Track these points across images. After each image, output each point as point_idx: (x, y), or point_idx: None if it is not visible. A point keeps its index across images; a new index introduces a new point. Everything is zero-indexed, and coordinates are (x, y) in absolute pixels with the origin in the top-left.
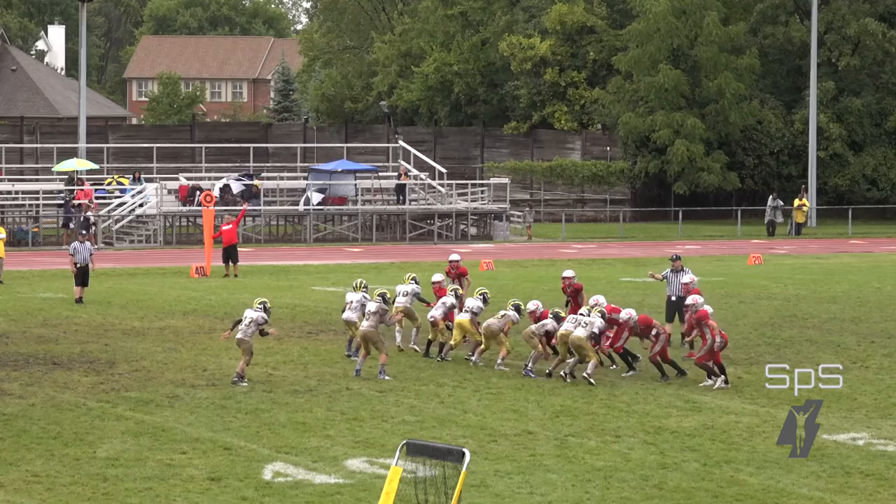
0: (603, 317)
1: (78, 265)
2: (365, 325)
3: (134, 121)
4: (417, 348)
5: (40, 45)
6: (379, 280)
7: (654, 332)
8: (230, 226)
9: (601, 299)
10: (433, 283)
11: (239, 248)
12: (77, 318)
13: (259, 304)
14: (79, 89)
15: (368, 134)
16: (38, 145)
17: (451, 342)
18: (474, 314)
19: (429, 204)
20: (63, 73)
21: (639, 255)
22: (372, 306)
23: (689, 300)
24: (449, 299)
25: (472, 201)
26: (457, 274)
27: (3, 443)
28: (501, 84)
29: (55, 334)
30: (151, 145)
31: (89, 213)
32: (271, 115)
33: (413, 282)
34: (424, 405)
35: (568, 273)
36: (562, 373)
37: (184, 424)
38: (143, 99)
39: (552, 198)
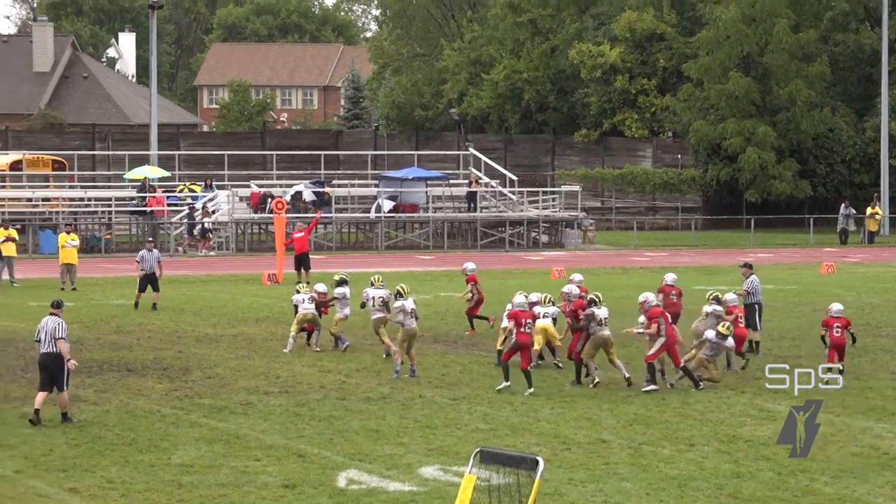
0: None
1: (144, 272)
2: (414, 324)
3: (205, 128)
4: (318, 349)
5: (111, 52)
6: (451, 288)
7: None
8: (302, 233)
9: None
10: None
11: (311, 256)
12: (150, 325)
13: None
14: (150, 96)
15: (439, 141)
16: (110, 152)
17: (536, 347)
18: (553, 319)
19: (500, 211)
20: (134, 80)
21: (710, 263)
22: (411, 304)
23: (641, 298)
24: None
25: (543, 209)
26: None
27: (78, 449)
28: (571, 91)
29: (129, 341)
30: (222, 152)
31: (206, 220)
32: (342, 122)
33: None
34: (497, 413)
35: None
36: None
37: (257, 431)
38: (214, 106)
39: (623, 205)
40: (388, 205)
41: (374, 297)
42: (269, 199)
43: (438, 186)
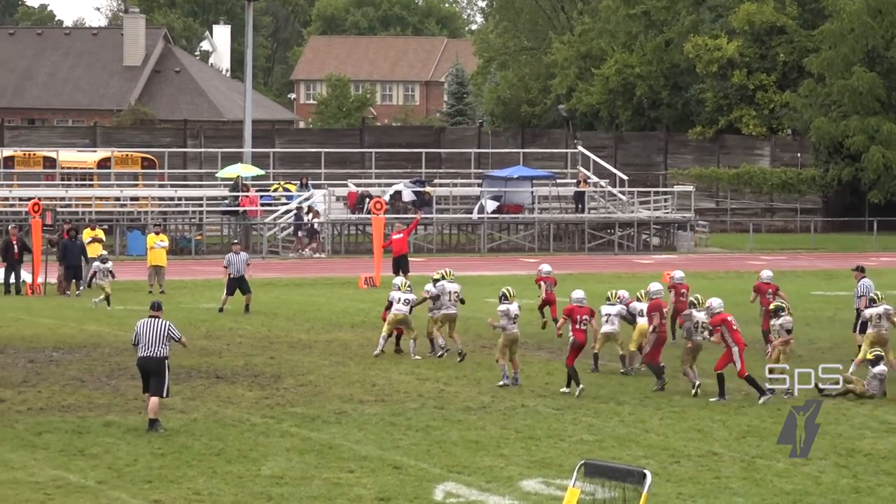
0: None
1: (232, 276)
2: (516, 329)
3: (301, 124)
4: (418, 357)
5: (205, 45)
6: (557, 292)
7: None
8: (401, 235)
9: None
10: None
11: (410, 259)
12: (241, 329)
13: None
14: (244, 91)
15: (546, 139)
16: (202, 150)
17: (631, 346)
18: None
19: (609, 212)
20: (228, 74)
21: (831, 267)
22: (516, 308)
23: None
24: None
25: (654, 210)
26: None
27: (163, 459)
28: (686, 87)
29: (218, 347)
30: (319, 150)
31: (315, 221)
32: (444, 118)
33: (409, 289)
34: (603, 424)
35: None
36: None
37: (351, 442)
38: (311, 102)
39: (739, 207)
40: (491, 205)
41: (450, 292)
42: (367, 199)
43: (545, 186)
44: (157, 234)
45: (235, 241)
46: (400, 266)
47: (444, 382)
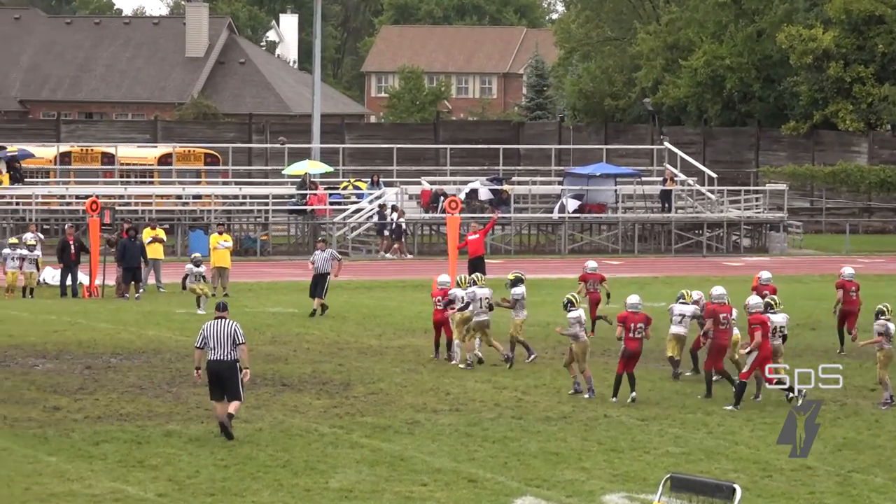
0: None
1: (315, 274)
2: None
3: (372, 119)
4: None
5: (271, 35)
6: (643, 295)
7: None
8: (477, 235)
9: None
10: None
11: (486, 260)
12: (309, 335)
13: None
14: (312, 84)
15: (630, 134)
16: (268, 145)
17: (671, 353)
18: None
19: (697, 212)
20: (295, 66)
21: None
22: (581, 314)
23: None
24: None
25: (745, 209)
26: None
27: (227, 471)
28: (779, 80)
29: (285, 352)
30: (391, 146)
31: (402, 220)
32: (523, 112)
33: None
34: (690, 435)
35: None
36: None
37: (424, 453)
38: (383, 95)
39: (835, 206)
40: (572, 204)
41: (481, 298)
42: (442, 198)
43: (629, 184)
44: (220, 233)
45: (321, 238)
46: (476, 268)
47: (523, 391)
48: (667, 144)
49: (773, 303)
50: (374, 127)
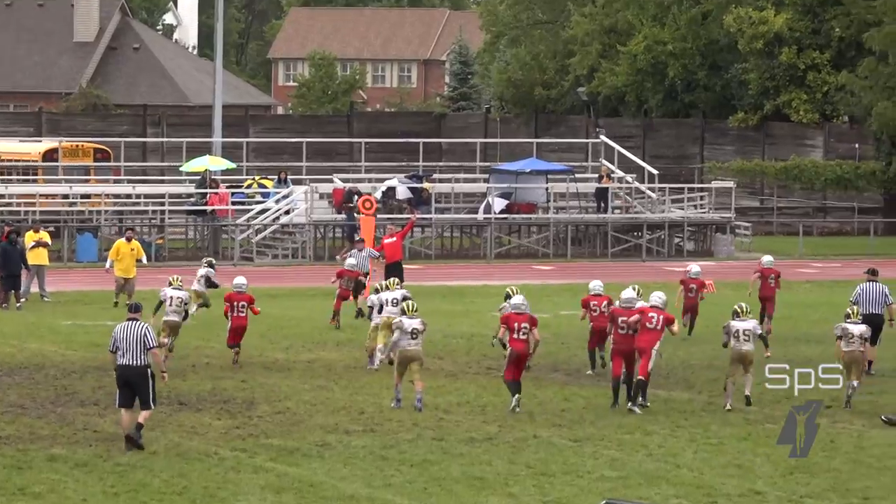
0: None
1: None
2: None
3: (279, 110)
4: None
5: (168, 18)
6: (574, 304)
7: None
8: (394, 238)
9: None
10: None
11: (405, 266)
12: (208, 348)
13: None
14: (214, 72)
15: (563, 127)
16: (165, 139)
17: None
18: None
19: (636, 212)
20: (195, 52)
21: (893, 276)
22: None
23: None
24: None
25: (688, 209)
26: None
27: (118, 499)
28: (726, 67)
29: (182, 367)
30: (300, 140)
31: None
32: (446, 103)
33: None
34: (628, 458)
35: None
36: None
37: (335, 478)
38: (292, 84)
39: (787, 206)
40: (499, 204)
41: (390, 299)
42: (356, 197)
43: (561, 182)
44: (128, 239)
45: (358, 237)
46: (393, 274)
47: (444, 410)
48: (603, 138)
49: (739, 310)
50: (282, 119)
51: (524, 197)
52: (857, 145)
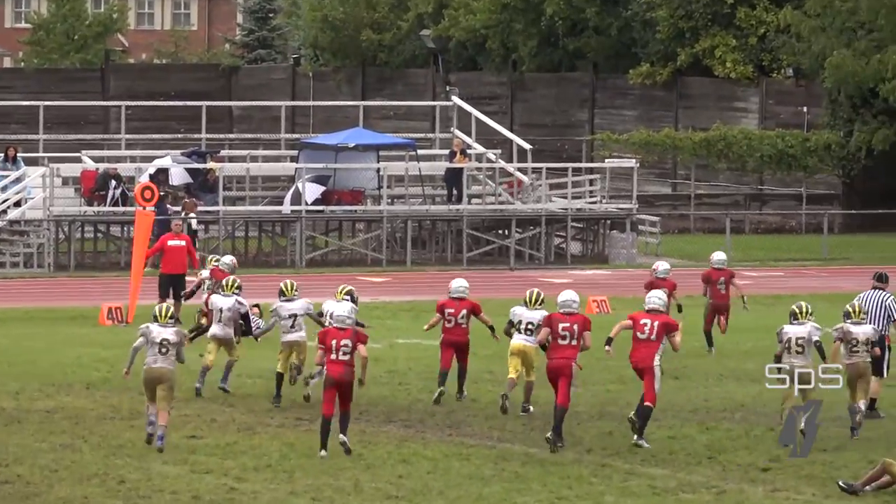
0: None
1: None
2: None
3: (7, 62)
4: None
5: None
6: (415, 330)
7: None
8: (181, 241)
9: None
10: None
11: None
12: None
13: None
14: None
15: (401, 85)
16: None
17: (512, 375)
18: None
19: (501, 202)
20: None
21: (852, 288)
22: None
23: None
24: None
25: (573, 198)
26: None
27: None
28: (624, 3)
29: None
30: (36, 103)
31: (192, 217)
32: (238, 52)
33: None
34: None
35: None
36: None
37: None
38: (23, 26)
39: (710, 193)
40: (313, 191)
41: (291, 314)
42: (114, 182)
43: (399, 160)
44: None
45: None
46: (173, 287)
47: (236, 477)
48: (456, 100)
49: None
50: (10, 74)
51: (347, 182)
52: (804, 109)
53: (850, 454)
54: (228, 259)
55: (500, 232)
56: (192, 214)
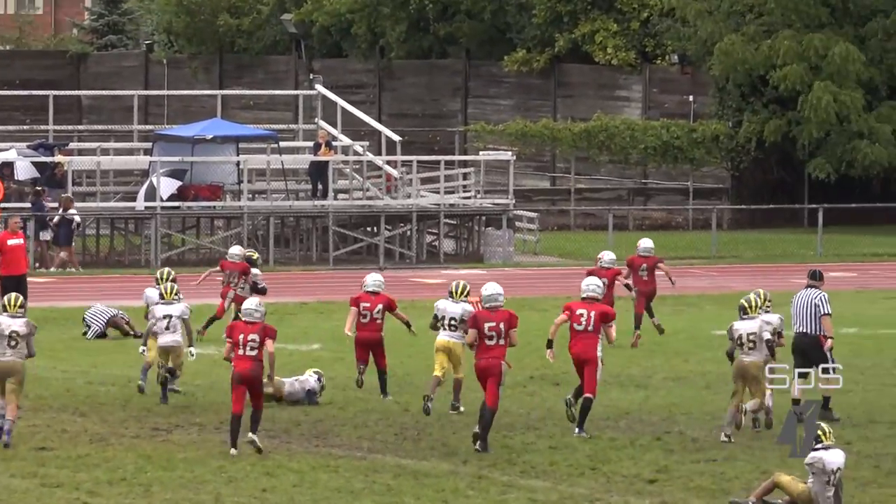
0: None
1: None
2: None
3: None
4: None
5: None
6: (289, 333)
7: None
8: (20, 240)
9: None
10: None
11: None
12: None
13: None
14: None
15: (262, 73)
16: None
17: (438, 373)
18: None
19: (369, 198)
20: None
21: (743, 287)
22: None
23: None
24: None
25: (446, 193)
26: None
27: None
28: None
29: None
30: None
31: (75, 215)
32: (87, 37)
33: None
34: None
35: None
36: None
37: None
38: None
39: (591, 187)
40: (168, 186)
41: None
42: None
43: (260, 153)
44: None
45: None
46: (16, 290)
47: (89, 491)
48: (320, 88)
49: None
50: None
51: (205, 176)
52: (691, 98)
53: (741, 464)
54: (237, 250)
55: (369, 229)
56: (73, 210)
